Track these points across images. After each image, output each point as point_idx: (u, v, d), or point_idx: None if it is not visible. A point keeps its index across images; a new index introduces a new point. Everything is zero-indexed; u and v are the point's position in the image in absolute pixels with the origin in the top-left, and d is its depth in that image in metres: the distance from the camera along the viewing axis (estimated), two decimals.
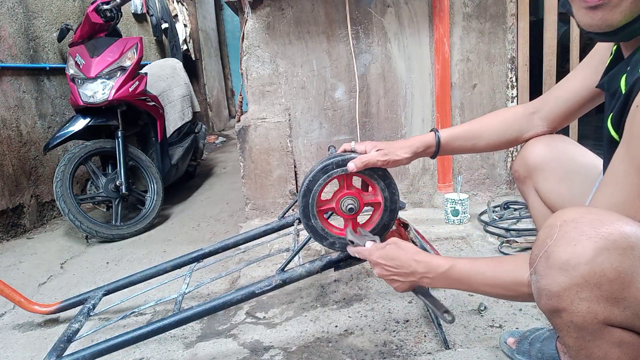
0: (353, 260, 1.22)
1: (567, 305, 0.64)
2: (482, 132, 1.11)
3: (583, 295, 0.62)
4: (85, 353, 1.16)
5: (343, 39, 2.25)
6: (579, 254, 0.62)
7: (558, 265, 0.64)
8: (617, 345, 0.64)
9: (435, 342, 1.27)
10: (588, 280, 0.62)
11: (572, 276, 0.62)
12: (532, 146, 1.09)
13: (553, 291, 0.64)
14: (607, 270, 0.61)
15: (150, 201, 2.74)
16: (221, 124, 6.90)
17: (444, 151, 1.12)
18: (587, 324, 0.63)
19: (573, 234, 0.63)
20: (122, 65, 2.62)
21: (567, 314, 0.64)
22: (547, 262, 0.65)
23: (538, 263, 0.66)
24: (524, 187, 1.13)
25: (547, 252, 0.65)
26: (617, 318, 0.63)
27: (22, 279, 2.08)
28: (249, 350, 1.33)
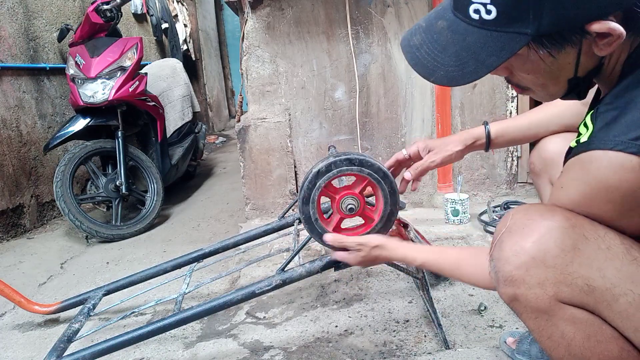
0: None
1: (520, 285, 0.68)
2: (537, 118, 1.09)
3: (532, 272, 0.67)
4: (85, 353, 1.16)
5: (343, 39, 2.25)
6: (526, 235, 0.68)
7: (509, 248, 0.69)
8: (571, 322, 0.68)
9: (435, 342, 1.27)
10: (535, 258, 0.66)
11: (521, 256, 0.68)
12: (550, 139, 1.08)
13: (507, 272, 0.69)
14: (551, 247, 0.66)
15: (150, 201, 2.74)
16: (221, 124, 6.90)
17: (497, 143, 1.11)
18: (540, 302, 0.68)
19: (523, 220, 0.69)
20: (122, 65, 2.62)
21: (522, 296, 0.69)
22: (500, 246, 0.70)
23: (494, 250, 0.72)
24: (539, 180, 1.13)
25: (500, 239, 0.71)
26: (566, 294, 0.67)
27: (22, 279, 2.08)
28: (249, 350, 1.33)
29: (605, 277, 0.65)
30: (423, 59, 0.71)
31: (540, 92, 0.74)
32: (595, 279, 0.65)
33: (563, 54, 0.65)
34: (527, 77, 0.71)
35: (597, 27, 0.61)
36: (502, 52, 0.64)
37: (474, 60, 0.66)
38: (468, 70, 0.67)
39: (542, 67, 0.67)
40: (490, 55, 0.65)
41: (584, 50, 0.65)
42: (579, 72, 0.68)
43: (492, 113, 2.30)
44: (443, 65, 0.68)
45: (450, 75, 0.68)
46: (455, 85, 0.69)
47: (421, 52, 0.71)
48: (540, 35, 0.63)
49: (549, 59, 0.66)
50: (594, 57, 0.66)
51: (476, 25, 0.65)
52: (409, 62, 0.73)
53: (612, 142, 0.62)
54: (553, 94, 0.73)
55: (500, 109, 2.31)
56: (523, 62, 0.68)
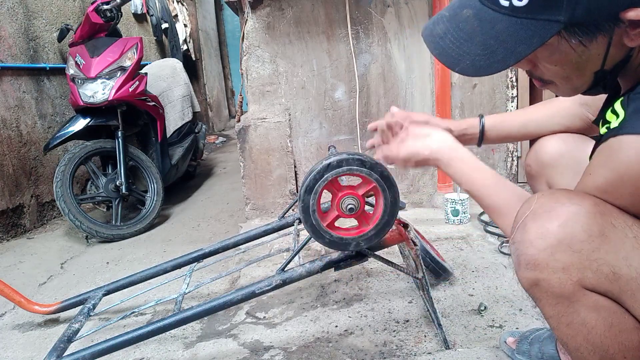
0: (353, 260, 1.22)
1: (543, 269, 0.66)
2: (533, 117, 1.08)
3: (557, 256, 0.65)
4: (85, 353, 1.16)
5: (343, 39, 2.25)
6: (553, 218, 0.66)
7: (534, 230, 0.67)
8: (594, 309, 0.66)
9: (435, 342, 1.27)
10: (561, 241, 0.65)
11: (547, 239, 0.66)
12: (546, 141, 1.07)
13: (530, 255, 0.67)
14: (578, 231, 0.64)
15: (150, 201, 2.74)
16: (221, 124, 6.90)
17: (490, 137, 1.09)
18: (563, 287, 0.66)
19: (549, 203, 0.67)
20: (122, 65, 2.62)
21: (544, 281, 0.67)
22: (524, 229, 0.68)
23: (516, 233, 0.70)
24: (536, 182, 1.11)
25: (524, 222, 0.69)
26: (591, 280, 0.65)
27: (22, 279, 2.08)
28: (249, 350, 1.33)
29: (632, 266, 0.64)
30: (447, 48, 0.69)
31: (564, 85, 0.72)
32: (621, 267, 0.64)
33: (594, 43, 0.64)
34: (552, 69, 0.69)
35: (632, 15, 0.59)
36: (532, 40, 0.63)
37: (503, 48, 0.65)
38: (496, 59, 0.66)
39: (571, 57, 0.66)
40: (520, 43, 0.64)
41: (615, 41, 0.64)
42: (606, 65, 0.67)
43: (492, 113, 2.29)
44: (469, 55, 0.67)
45: (477, 65, 0.67)
46: (481, 75, 0.68)
47: (445, 41, 0.69)
48: (574, 24, 0.61)
49: (580, 48, 0.64)
50: (623, 49, 0.65)
51: (506, 12, 0.64)
52: (433, 52, 0.71)
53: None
54: (577, 87, 0.72)
55: (500, 109, 2.31)
56: (551, 53, 0.66)
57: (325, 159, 1.10)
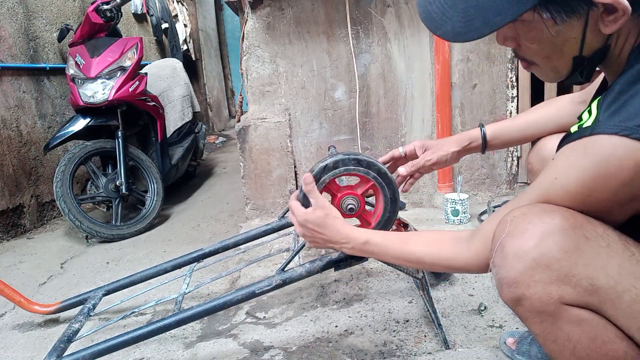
0: (353, 260, 1.22)
1: (524, 289, 0.68)
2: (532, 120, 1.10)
3: (537, 277, 0.66)
4: (85, 353, 1.16)
5: (343, 39, 2.25)
6: (527, 239, 0.67)
7: (512, 253, 0.68)
8: (577, 324, 0.67)
9: (435, 342, 1.27)
10: (539, 262, 0.66)
11: (525, 261, 0.67)
12: (548, 139, 1.08)
13: (511, 277, 0.68)
14: (554, 250, 0.65)
15: (151, 201, 2.74)
16: (221, 124, 6.90)
17: (493, 145, 1.12)
18: (544, 305, 0.67)
19: (522, 224, 0.69)
20: (122, 65, 2.62)
21: (527, 300, 0.68)
22: (502, 252, 0.70)
23: (495, 256, 0.71)
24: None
25: (501, 244, 0.70)
26: (571, 296, 0.66)
27: (22, 279, 2.08)
28: (249, 350, 1.33)
29: (609, 275, 0.65)
30: (433, 13, 0.72)
31: (545, 65, 0.75)
32: (599, 278, 0.65)
33: (568, 25, 0.66)
34: (532, 48, 0.72)
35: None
36: (507, 12, 0.66)
37: (481, 17, 0.68)
38: (473, 27, 0.69)
39: (546, 36, 0.69)
40: (496, 14, 0.66)
41: (590, 27, 0.66)
42: (584, 51, 0.70)
43: (492, 113, 2.31)
44: (450, 20, 0.70)
45: (456, 31, 0.70)
46: (459, 41, 0.71)
47: (432, 6, 0.72)
48: (548, 1, 0.64)
49: (554, 28, 0.67)
50: (600, 36, 0.68)
51: None
52: (420, 16, 0.75)
53: (618, 127, 0.62)
54: (558, 69, 0.74)
55: (500, 109, 2.31)
56: (529, 29, 0.69)
57: (322, 161, 1.10)
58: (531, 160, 1.12)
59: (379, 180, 1.09)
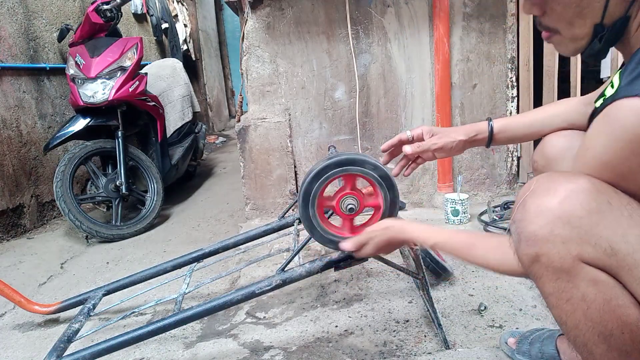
0: (353, 260, 1.22)
1: (543, 244, 0.69)
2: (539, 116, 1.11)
3: (557, 231, 0.68)
4: (85, 353, 1.15)
5: (343, 39, 2.25)
6: (552, 196, 0.69)
7: (534, 209, 0.70)
8: (593, 283, 0.68)
9: (435, 342, 1.27)
10: (561, 217, 0.67)
11: (546, 216, 0.68)
12: (552, 137, 1.09)
13: (530, 231, 0.70)
14: (577, 208, 0.67)
15: (151, 201, 2.74)
16: (221, 124, 6.90)
17: (498, 139, 1.13)
18: (563, 261, 0.68)
19: (547, 183, 0.71)
20: (122, 65, 2.62)
21: (545, 255, 0.69)
22: (523, 208, 0.71)
23: (516, 212, 0.73)
24: None
25: (524, 201, 0.71)
26: (590, 254, 0.67)
27: (22, 279, 2.08)
28: (249, 350, 1.33)
29: (628, 242, 0.66)
30: None
31: (567, 32, 0.77)
32: (619, 242, 0.66)
33: None
34: (557, 10, 0.75)
35: None
36: None
37: None
38: None
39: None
40: None
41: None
42: (605, 18, 0.73)
43: (492, 113, 2.31)
44: None
45: None
46: None
47: None
48: None
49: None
50: (622, 5, 0.72)
51: None
52: None
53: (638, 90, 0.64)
54: (577, 38, 0.77)
55: (500, 109, 2.31)
56: None
57: (323, 160, 1.10)
58: (536, 158, 1.13)
59: (380, 182, 1.09)
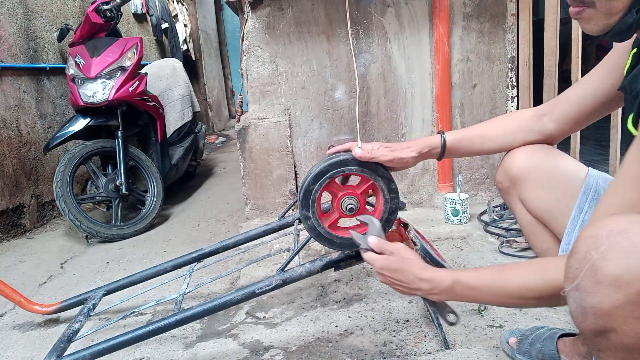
0: (353, 260, 1.22)
1: (618, 325, 0.58)
2: (491, 134, 1.11)
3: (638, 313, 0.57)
4: (86, 353, 1.16)
5: (343, 39, 2.25)
6: (633, 268, 0.56)
7: (609, 280, 0.58)
8: None
9: (435, 342, 1.27)
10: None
11: (627, 293, 0.56)
12: (512, 156, 1.08)
13: (604, 310, 0.59)
14: None
15: (151, 201, 2.74)
16: (221, 124, 6.90)
17: (451, 153, 1.12)
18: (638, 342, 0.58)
19: (624, 244, 0.58)
20: (122, 66, 2.62)
21: (617, 335, 0.59)
22: (595, 277, 0.59)
23: (583, 278, 0.60)
24: (509, 197, 1.12)
25: (593, 265, 0.59)
26: None
27: (22, 279, 2.08)
28: (249, 350, 1.33)
29: None
30: None
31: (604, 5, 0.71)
32: None
33: None
34: None
35: None
36: None
37: None
38: None
39: None
40: None
41: None
42: None
43: (492, 113, 2.31)
44: None
45: None
46: None
47: None
48: None
49: None
50: None
51: None
52: None
53: None
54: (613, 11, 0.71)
55: (500, 109, 2.31)
56: None
57: (324, 160, 1.10)
58: (499, 178, 1.12)
59: (379, 181, 1.09)
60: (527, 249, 1.75)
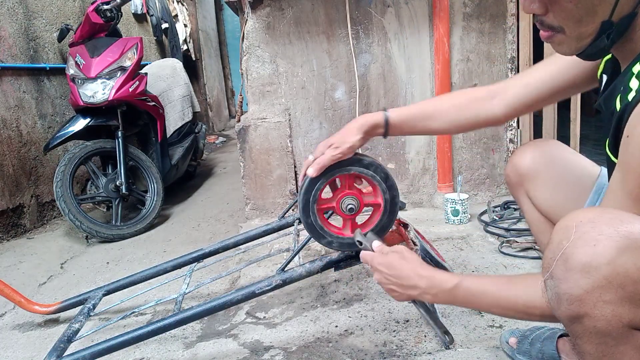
0: (353, 260, 1.22)
1: (589, 309, 0.61)
2: (435, 114, 1.06)
3: (607, 297, 0.60)
4: (86, 353, 1.16)
5: (343, 39, 2.25)
6: (600, 254, 0.60)
7: (579, 267, 0.61)
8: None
9: (435, 342, 1.27)
10: (611, 282, 0.59)
11: (595, 278, 0.60)
12: (523, 152, 1.08)
13: (575, 295, 0.62)
14: (631, 270, 0.59)
15: (151, 201, 2.74)
16: (221, 124, 6.90)
17: (395, 131, 1.07)
18: (611, 328, 0.61)
19: (592, 234, 0.61)
20: (122, 66, 2.62)
21: (590, 319, 0.62)
22: (565, 264, 0.62)
23: (555, 267, 0.64)
24: (516, 192, 1.12)
25: (565, 254, 0.63)
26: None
27: (22, 279, 2.08)
28: (249, 350, 1.33)
29: None
30: None
31: (573, 31, 0.72)
32: None
33: None
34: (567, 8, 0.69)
35: None
36: None
37: None
38: None
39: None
40: None
41: None
42: (614, 15, 0.68)
43: None
44: None
45: None
46: None
47: None
48: None
49: None
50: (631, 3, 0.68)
51: None
52: None
53: None
54: (583, 36, 0.72)
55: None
56: None
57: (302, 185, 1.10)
58: (508, 172, 1.11)
59: (380, 182, 1.09)
60: (527, 249, 1.75)
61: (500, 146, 2.35)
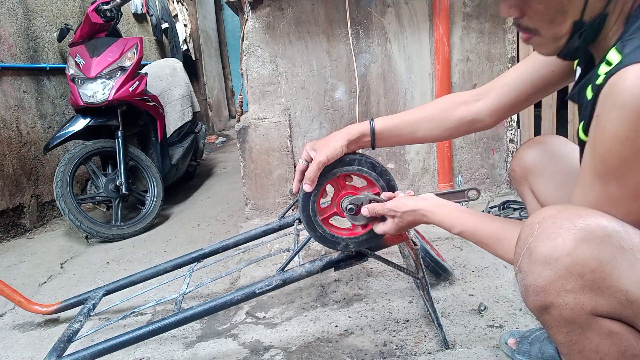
0: (353, 260, 1.22)
1: (554, 298, 0.65)
2: (420, 120, 1.07)
3: (568, 286, 0.64)
4: (86, 353, 1.16)
5: (343, 39, 2.25)
6: (559, 246, 0.64)
7: (541, 259, 0.65)
8: (607, 336, 0.65)
9: (435, 342, 1.27)
10: (571, 271, 0.63)
11: (556, 269, 0.64)
12: (529, 147, 1.08)
13: (539, 286, 0.66)
14: (588, 259, 0.63)
15: (151, 201, 2.74)
16: (221, 124, 6.90)
17: (383, 139, 1.08)
18: (575, 316, 0.65)
19: (552, 228, 0.65)
20: (122, 66, 2.62)
21: (556, 309, 0.65)
22: (530, 258, 0.67)
23: (522, 260, 0.68)
24: (521, 187, 1.12)
25: (529, 248, 0.67)
26: (604, 307, 0.64)
27: (22, 279, 2.08)
28: (249, 350, 1.33)
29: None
30: None
31: (547, 32, 0.74)
32: (634, 291, 0.62)
33: None
34: (538, 9, 0.72)
35: None
36: None
37: None
38: None
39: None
40: None
41: None
42: (585, 15, 0.70)
43: None
44: None
45: None
46: None
47: None
48: None
49: None
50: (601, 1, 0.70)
51: None
52: None
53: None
54: (558, 36, 0.74)
55: None
56: None
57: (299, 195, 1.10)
58: (514, 167, 1.12)
59: (369, 172, 1.09)
60: None
61: (500, 146, 2.35)
